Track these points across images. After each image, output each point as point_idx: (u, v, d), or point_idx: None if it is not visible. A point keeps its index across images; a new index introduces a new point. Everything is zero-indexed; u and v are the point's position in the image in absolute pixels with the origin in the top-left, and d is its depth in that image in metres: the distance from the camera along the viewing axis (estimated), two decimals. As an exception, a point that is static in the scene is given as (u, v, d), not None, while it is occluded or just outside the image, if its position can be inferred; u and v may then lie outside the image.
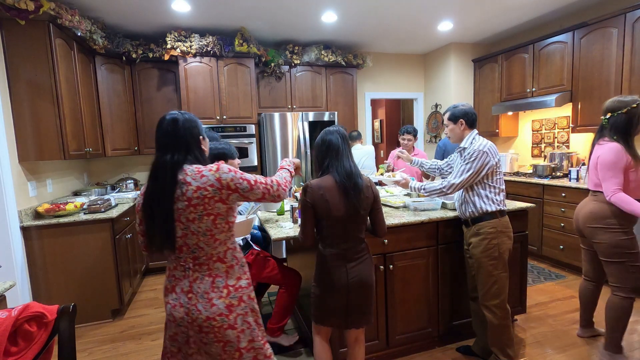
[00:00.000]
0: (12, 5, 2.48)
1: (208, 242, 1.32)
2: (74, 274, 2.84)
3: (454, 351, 2.36)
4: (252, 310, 1.41)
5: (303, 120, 4.28)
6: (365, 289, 1.68)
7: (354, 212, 1.64)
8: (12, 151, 2.66)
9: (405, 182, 2.38)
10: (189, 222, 1.28)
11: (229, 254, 1.37)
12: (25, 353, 1.08)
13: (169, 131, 1.32)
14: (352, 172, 1.66)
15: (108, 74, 3.78)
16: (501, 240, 2.01)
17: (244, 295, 1.38)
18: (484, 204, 2.02)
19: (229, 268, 1.36)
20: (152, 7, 3.32)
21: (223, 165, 1.32)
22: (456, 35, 4.63)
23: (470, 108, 2.13)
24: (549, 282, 3.38)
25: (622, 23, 3.21)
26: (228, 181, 1.29)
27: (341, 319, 1.69)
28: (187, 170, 1.29)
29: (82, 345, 2.61)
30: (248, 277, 1.43)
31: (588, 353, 2.29)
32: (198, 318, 1.29)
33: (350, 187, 1.63)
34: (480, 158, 1.98)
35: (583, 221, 2.20)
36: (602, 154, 2.10)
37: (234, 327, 1.33)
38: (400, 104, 7.30)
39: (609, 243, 2.07)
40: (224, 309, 1.31)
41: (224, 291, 1.32)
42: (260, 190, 1.36)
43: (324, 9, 3.54)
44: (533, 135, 4.64)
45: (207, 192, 1.27)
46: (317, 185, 1.64)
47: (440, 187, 2.08)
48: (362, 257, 1.70)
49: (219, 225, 1.32)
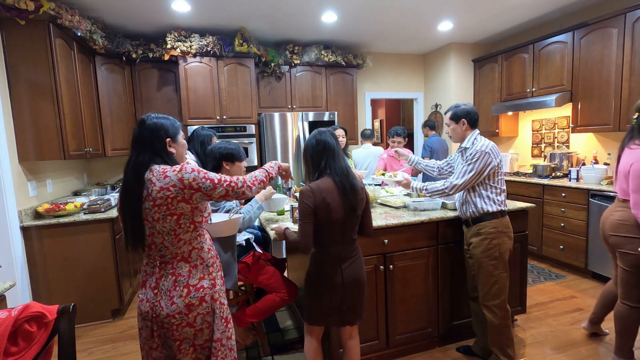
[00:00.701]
0: (12, 5, 2.48)
1: (172, 242, 1.35)
2: (74, 274, 2.84)
3: (454, 351, 2.36)
4: (213, 311, 1.42)
5: (303, 120, 4.28)
6: (359, 288, 1.70)
7: (351, 212, 1.64)
8: (12, 151, 2.66)
9: (407, 182, 2.36)
10: (154, 222, 1.32)
11: (194, 253, 1.39)
12: (25, 353, 1.08)
13: (136, 133, 1.38)
14: (349, 173, 1.66)
15: (108, 74, 3.78)
16: (502, 240, 2.00)
17: (207, 295, 1.39)
18: (485, 204, 2.02)
19: (193, 268, 1.38)
20: (152, 7, 3.32)
21: (187, 166, 1.33)
22: (456, 35, 4.63)
23: (472, 108, 2.12)
24: (549, 282, 3.38)
25: (622, 23, 3.21)
26: (190, 181, 1.30)
27: (337, 317, 1.71)
28: (154, 171, 1.32)
29: (82, 345, 2.61)
30: (214, 277, 1.43)
31: (588, 353, 2.29)
32: (160, 314, 1.34)
33: (348, 188, 1.63)
34: (482, 159, 1.97)
35: (609, 229, 2.06)
36: (637, 161, 1.92)
37: (192, 326, 1.37)
38: (400, 104, 7.30)
39: (637, 255, 1.92)
40: (183, 307, 1.34)
41: (184, 290, 1.35)
42: (224, 187, 1.36)
43: (324, 9, 3.54)
44: (533, 135, 4.64)
45: (169, 192, 1.29)
46: (318, 188, 1.61)
47: (442, 187, 2.07)
48: (355, 256, 1.71)
49: (183, 225, 1.35)
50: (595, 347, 2.35)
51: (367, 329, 2.17)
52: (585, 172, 3.52)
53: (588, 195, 3.32)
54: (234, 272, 2.09)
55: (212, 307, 1.41)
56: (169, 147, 1.40)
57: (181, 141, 1.47)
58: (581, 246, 3.42)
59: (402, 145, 3.55)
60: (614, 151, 3.64)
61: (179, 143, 1.45)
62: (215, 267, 1.47)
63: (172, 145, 1.42)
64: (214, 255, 1.49)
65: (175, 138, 1.43)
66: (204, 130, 2.79)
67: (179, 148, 1.45)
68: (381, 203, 2.69)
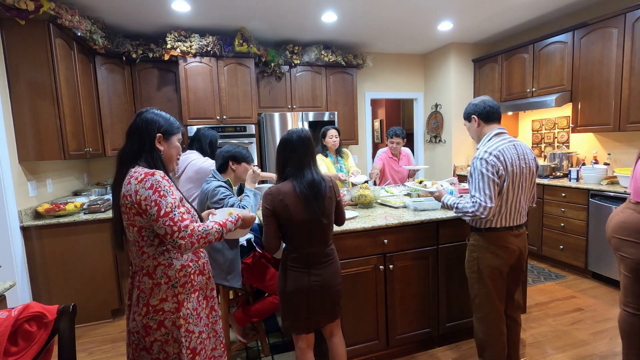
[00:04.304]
0: (12, 5, 2.48)
1: (137, 254, 1.26)
2: (74, 274, 2.84)
3: (454, 351, 2.36)
4: (175, 340, 1.23)
5: (303, 120, 4.27)
6: (327, 293, 1.66)
7: (315, 219, 1.60)
8: (12, 151, 2.66)
9: (439, 195, 2.08)
10: (125, 228, 1.26)
11: (159, 270, 1.25)
12: (25, 353, 1.07)
13: (131, 122, 1.33)
14: (314, 181, 1.60)
15: (108, 74, 3.78)
16: (482, 255, 1.85)
17: (167, 320, 1.23)
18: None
19: (155, 286, 1.24)
20: (152, 7, 3.32)
21: (153, 177, 1.20)
22: (456, 35, 4.63)
23: (481, 101, 1.88)
24: (549, 282, 3.38)
25: (622, 23, 3.21)
26: (142, 198, 1.17)
27: (304, 322, 1.66)
28: (131, 171, 1.24)
29: (82, 345, 2.61)
30: (180, 300, 1.25)
31: (588, 353, 2.29)
32: (128, 326, 1.29)
33: (311, 196, 1.58)
34: (478, 167, 1.74)
35: (612, 230, 1.92)
36: None
37: (149, 352, 1.25)
38: (400, 104, 7.30)
39: (635, 259, 1.81)
40: (141, 328, 1.24)
41: (143, 309, 1.24)
42: (164, 227, 1.16)
43: (324, 9, 3.54)
44: (533, 135, 4.64)
45: (127, 201, 1.20)
46: (277, 191, 1.59)
47: (472, 210, 1.75)
48: (327, 262, 1.67)
49: (145, 238, 1.24)
50: (596, 347, 2.35)
51: (367, 329, 2.18)
52: (585, 172, 3.52)
53: (588, 196, 3.32)
54: (238, 270, 2.09)
55: (173, 336, 1.24)
56: (158, 143, 1.32)
57: (174, 144, 1.38)
58: (581, 246, 3.42)
59: (402, 146, 3.55)
60: (614, 151, 3.66)
61: (170, 144, 1.36)
62: (186, 288, 1.28)
63: (162, 143, 1.33)
64: (189, 273, 1.30)
65: (167, 136, 1.35)
66: (209, 130, 2.80)
67: (169, 149, 1.36)
68: (381, 203, 2.69)
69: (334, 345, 1.79)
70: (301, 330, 1.68)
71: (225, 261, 2.07)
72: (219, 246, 2.08)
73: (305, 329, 1.68)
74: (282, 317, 1.73)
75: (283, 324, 1.73)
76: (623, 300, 1.91)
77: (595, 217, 3.26)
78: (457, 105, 5.03)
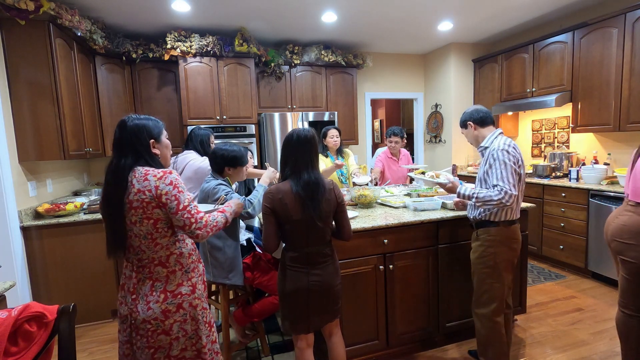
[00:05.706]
0: (12, 5, 2.48)
1: (149, 246, 1.32)
2: (74, 273, 2.83)
3: (454, 351, 2.36)
4: (193, 318, 1.39)
5: (303, 120, 4.27)
6: (325, 291, 1.66)
7: (311, 219, 1.61)
8: (12, 151, 2.66)
9: (453, 186, 2.00)
10: (131, 225, 1.30)
11: (172, 259, 1.36)
12: (25, 353, 1.08)
13: (116, 135, 1.35)
14: (310, 182, 1.61)
15: (108, 74, 3.78)
16: (499, 250, 1.90)
17: (185, 302, 1.36)
18: (490, 210, 1.90)
19: (170, 273, 1.35)
20: (152, 7, 3.32)
21: (171, 175, 1.30)
22: (456, 35, 4.63)
23: (474, 109, 2.03)
24: (549, 282, 3.38)
25: (622, 23, 3.21)
26: (162, 193, 1.27)
27: (304, 322, 1.67)
28: (137, 172, 1.29)
29: (82, 345, 2.61)
30: (194, 283, 1.40)
31: (588, 353, 2.29)
32: (137, 319, 1.32)
33: (307, 197, 1.59)
34: (500, 157, 1.81)
35: (612, 234, 1.90)
36: None
37: (168, 334, 1.34)
38: (400, 104, 7.30)
39: (637, 263, 1.79)
40: (159, 314, 1.32)
41: (161, 296, 1.33)
42: (183, 219, 1.31)
43: (324, 9, 3.54)
44: (533, 135, 4.64)
45: (145, 196, 1.27)
46: (277, 190, 1.62)
47: (498, 198, 1.77)
48: (326, 262, 1.67)
49: (160, 230, 1.32)
50: (595, 347, 2.35)
51: (367, 329, 2.18)
52: (585, 172, 3.52)
53: (588, 196, 3.32)
54: (240, 268, 2.09)
55: (190, 315, 1.38)
56: (153, 149, 1.37)
57: (165, 142, 1.43)
58: (581, 246, 3.42)
59: (400, 146, 3.55)
60: (614, 151, 3.66)
61: (162, 144, 1.42)
62: (196, 272, 1.43)
63: (156, 147, 1.39)
64: (196, 259, 1.46)
65: (158, 139, 1.40)
66: (200, 129, 2.80)
67: (162, 149, 1.42)
68: (381, 203, 2.69)
69: (334, 345, 1.79)
70: (301, 330, 1.69)
71: (226, 259, 2.07)
72: (220, 244, 2.07)
73: (304, 329, 1.68)
74: (281, 317, 1.73)
75: (282, 323, 1.73)
76: (621, 301, 1.91)
77: (595, 217, 3.26)
78: (457, 106, 5.03)
